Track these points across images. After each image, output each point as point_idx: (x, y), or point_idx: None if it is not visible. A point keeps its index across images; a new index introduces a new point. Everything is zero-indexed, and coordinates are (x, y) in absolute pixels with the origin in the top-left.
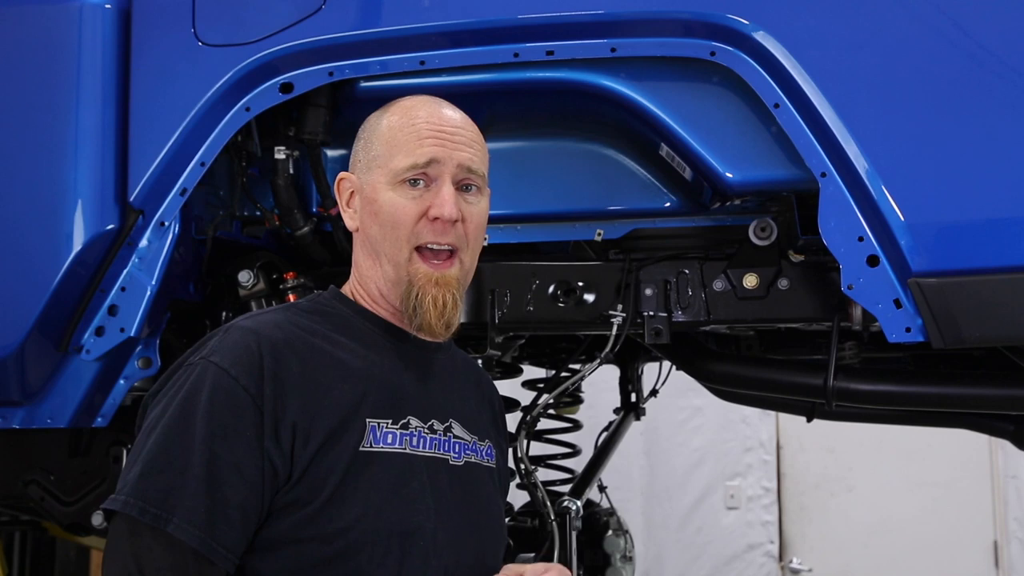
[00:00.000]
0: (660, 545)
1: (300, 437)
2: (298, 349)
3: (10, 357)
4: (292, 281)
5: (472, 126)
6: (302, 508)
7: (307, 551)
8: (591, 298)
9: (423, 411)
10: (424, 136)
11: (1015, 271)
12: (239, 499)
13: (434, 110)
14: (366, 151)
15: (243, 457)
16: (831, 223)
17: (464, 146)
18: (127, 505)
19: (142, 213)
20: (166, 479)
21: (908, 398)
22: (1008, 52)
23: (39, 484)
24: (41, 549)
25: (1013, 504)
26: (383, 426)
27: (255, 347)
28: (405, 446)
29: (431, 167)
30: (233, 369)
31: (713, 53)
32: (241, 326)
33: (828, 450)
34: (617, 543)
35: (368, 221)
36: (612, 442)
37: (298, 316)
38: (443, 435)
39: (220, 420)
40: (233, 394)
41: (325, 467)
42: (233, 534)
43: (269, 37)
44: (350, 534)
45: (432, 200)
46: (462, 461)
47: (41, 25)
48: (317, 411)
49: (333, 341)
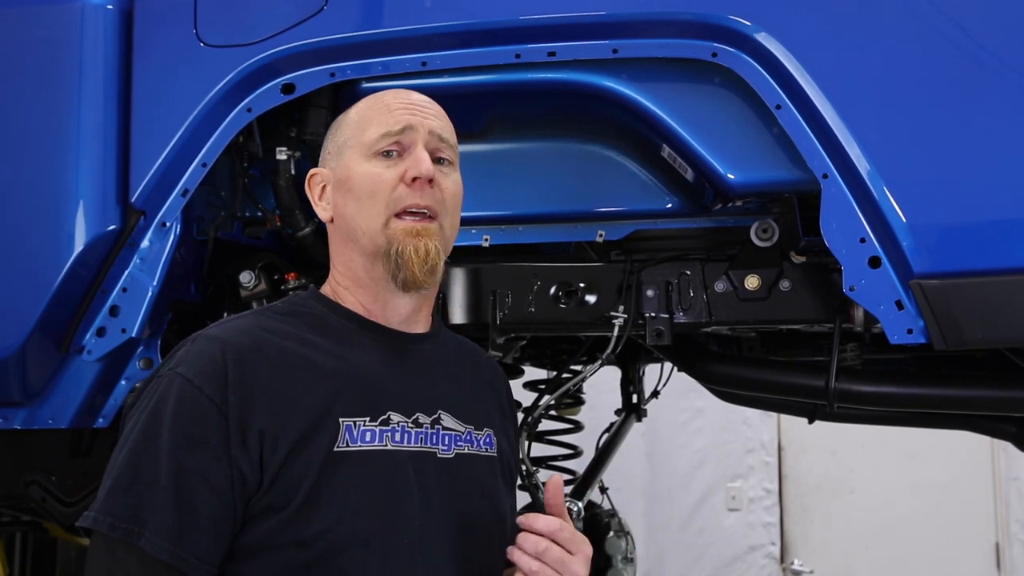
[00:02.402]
0: (661, 546)
1: (268, 443)
2: (266, 354)
3: (11, 358)
4: (293, 282)
5: (437, 106)
6: (277, 513)
7: (287, 556)
8: (592, 299)
9: (406, 405)
10: (395, 108)
11: (1017, 272)
12: (208, 509)
13: (402, 92)
14: (335, 140)
15: (210, 467)
16: (833, 224)
17: (434, 117)
18: (97, 522)
19: (144, 214)
20: (135, 493)
21: (910, 400)
22: (1009, 53)
23: (40, 485)
24: (42, 550)
25: (1015, 506)
26: (359, 424)
27: (219, 355)
28: (386, 443)
29: (404, 134)
30: (197, 379)
31: (715, 54)
32: (207, 335)
33: (830, 452)
34: (618, 544)
35: (343, 202)
36: (613, 443)
37: (270, 320)
38: (430, 428)
39: (185, 431)
40: (197, 404)
41: (297, 471)
42: (205, 543)
43: (271, 38)
44: (329, 536)
45: (407, 164)
46: (452, 453)
47: (43, 25)
48: (287, 415)
49: (306, 342)
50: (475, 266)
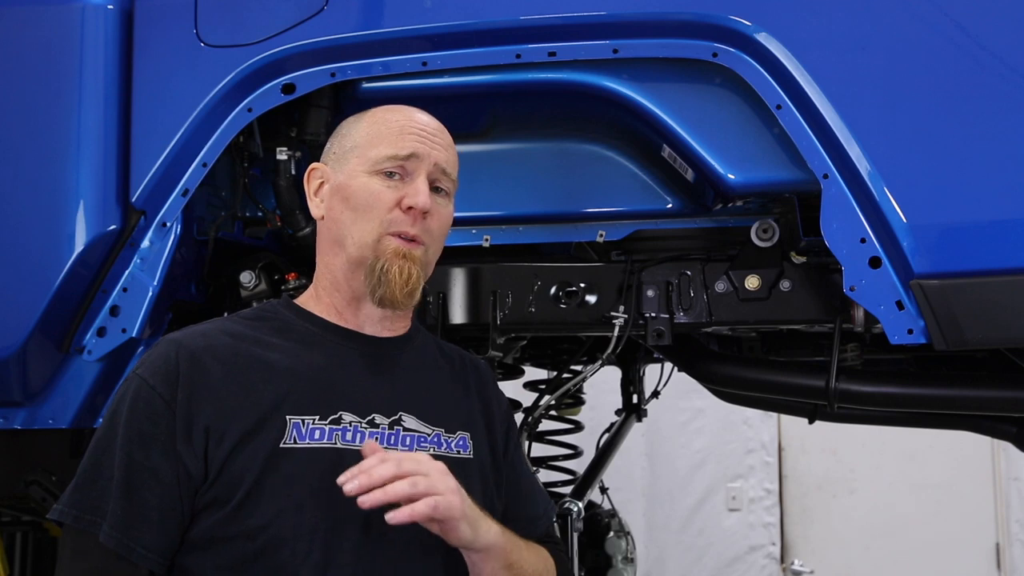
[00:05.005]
0: (661, 547)
1: (214, 438)
2: (220, 354)
3: (12, 358)
4: (294, 282)
5: (448, 135)
6: (222, 507)
7: (234, 548)
8: (593, 299)
9: (361, 406)
10: (408, 132)
11: (1018, 273)
12: (156, 500)
13: (414, 114)
14: (341, 143)
15: (158, 461)
16: (833, 225)
17: (442, 148)
18: (63, 514)
19: (144, 214)
20: (98, 488)
21: (910, 400)
22: (1010, 53)
23: (41, 484)
24: (42, 550)
25: (1015, 506)
26: (308, 423)
27: (173, 356)
28: (336, 441)
29: (410, 161)
30: (152, 379)
31: (715, 54)
32: (167, 338)
33: (830, 452)
34: (618, 544)
35: (338, 207)
36: (613, 443)
37: (234, 324)
38: (388, 428)
39: (138, 427)
40: (150, 402)
41: (240, 466)
42: (153, 534)
43: (271, 38)
44: (269, 530)
45: (407, 190)
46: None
47: (43, 26)
48: (233, 412)
49: (265, 344)
50: (475, 266)
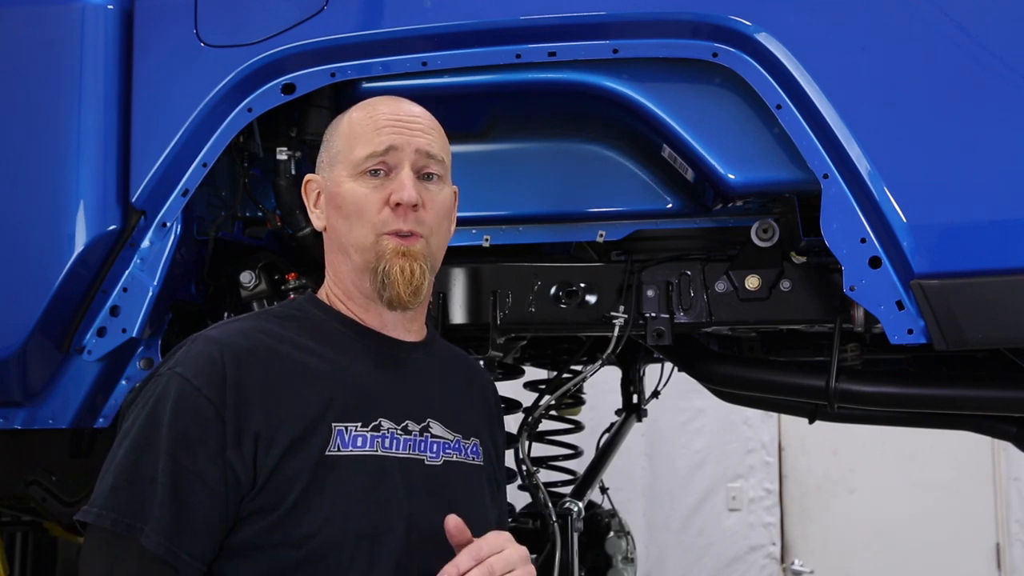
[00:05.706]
0: (661, 547)
1: (263, 445)
2: (262, 357)
3: (12, 358)
4: (294, 282)
5: (431, 117)
6: (268, 514)
7: (277, 556)
8: (593, 299)
9: (396, 412)
10: (382, 126)
11: (1018, 273)
12: (203, 507)
13: (393, 104)
14: (328, 150)
15: (206, 466)
16: (833, 225)
17: (422, 132)
18: (101, 517)
19: (144, 214)
20: (136, 490)
21: (910, 400)
22: (1010, 53)
23: (41, 485)
24: (42, 550)
25: (1015, 506)
26: (351, 430)
27: (218, 357)
28: (376, 448)
29: (390, 155)
30: (196, 379)
31: (715, 54)
32: (206, 336)
33: (830, 452)
34: (619, 544)
35: (334, 216)
36: (614, 443)
37: (268, 323)
38: (419, 435)
39: (183, 430)
40: (196, 404)
41: (289, 473)
42: (198, 541)
43: (271, 38)
44: (316, 538)
45: (392, 187)
46: (440, 460)
47: (43, 26)
48: (281, 418)
49: (301, 347)
50: (475, 266)
